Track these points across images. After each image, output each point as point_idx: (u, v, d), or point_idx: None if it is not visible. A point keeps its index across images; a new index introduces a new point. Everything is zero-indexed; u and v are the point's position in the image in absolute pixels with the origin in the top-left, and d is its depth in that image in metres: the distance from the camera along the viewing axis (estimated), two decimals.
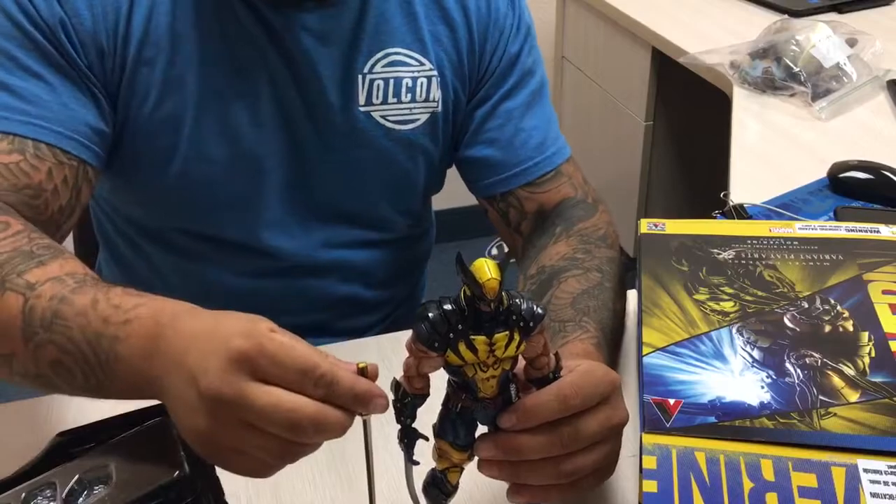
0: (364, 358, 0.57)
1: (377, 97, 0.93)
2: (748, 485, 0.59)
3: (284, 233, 0.97)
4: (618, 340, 0.84)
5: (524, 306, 0.58)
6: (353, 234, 1.01)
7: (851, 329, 0.72)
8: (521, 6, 1.00)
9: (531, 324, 0.58)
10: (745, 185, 1.18)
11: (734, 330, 0.72)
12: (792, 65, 1.46)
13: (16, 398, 0.85)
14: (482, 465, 0.62)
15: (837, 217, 1.04)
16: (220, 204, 0.93)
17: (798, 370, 0.68)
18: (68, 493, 0.57)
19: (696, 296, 0.77)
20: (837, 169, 1.12)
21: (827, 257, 0.81)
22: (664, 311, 0.75)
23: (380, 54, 0.92)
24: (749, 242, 0.84)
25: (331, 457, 0.76)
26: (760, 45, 1.52)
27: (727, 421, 0.64)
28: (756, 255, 0.82)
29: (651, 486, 0.60)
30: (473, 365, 0.58)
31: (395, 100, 0.94)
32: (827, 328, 0.72)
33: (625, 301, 0.88)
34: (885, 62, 1.52)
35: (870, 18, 1.80)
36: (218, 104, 0.88)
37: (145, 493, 0.56)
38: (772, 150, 1.31)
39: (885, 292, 0.76)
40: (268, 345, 0.55)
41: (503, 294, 0.56)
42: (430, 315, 0.56)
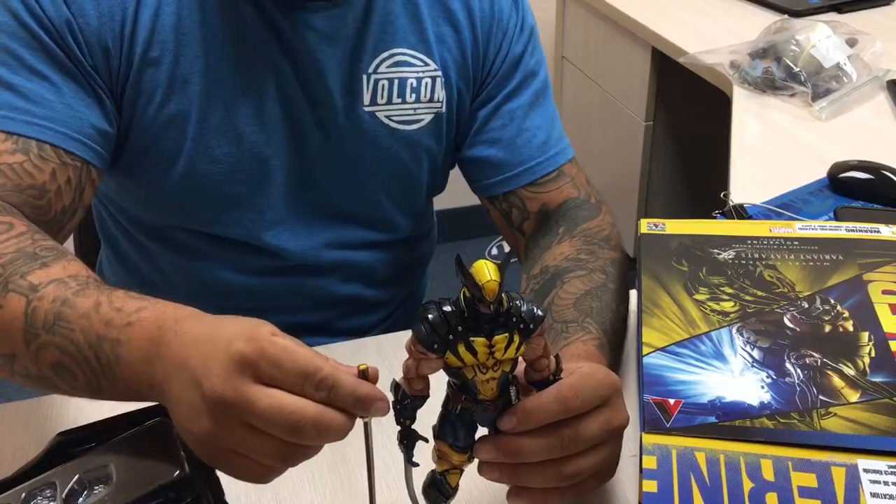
0: (364, 358, 0.58)
1: (382, 97, 0.93)
2: (748, 485, 0.59)
3: (288, 232, 0.97)
4: (620, 342, 0.84)
5: (524, 308, 0.57)
6: (356, 235, 1.01)
7: (851, 329, 0.72)
8: (525, 7, 1.00)
9: (531, 326, 0.58)
10: (745, 185, 1.18)
11: (734, 330, 0.72)
12: (792, 65, 1.46)
13: (16, 398, 0.85)
14: (482, 468, 0.62)
15: (837, 217, 1.04)
16: (225, 203, 0.93)
17: (798, 370, 0.68)
18: (68, 493, 0.57)
19: (696, 296, 0.77)
20: (837, 169, 1.12)
21: (827, 257, 0.81)
22: (664, 311, 0.75)
23: (385, 54, 0.92)
24: (749, 242, 0.84)
25: (331, 457, 0.76)
26: (760, 45, 1.52)
27: (727, 421, 0.64)
28: (756, 255, 0.82)
29: (651, 486, 0.60)
30: (473, 367, 0.58)
31: (400, 100, 0.94)
32: (827, 328, 0.72)
33: (628, 302, 0.88)
34: (885, 62, 1.52)
35: (870, 18, 1.80)
36: (223, 104, 0.88)
37: (145, 493, 0.56)
38: (772, 150, 1.31)
39: (885, 292, 0.76)
40: (269, 348, 0.55)
41: (503, 296, 0.56)
42: (430, 316, 0.56)
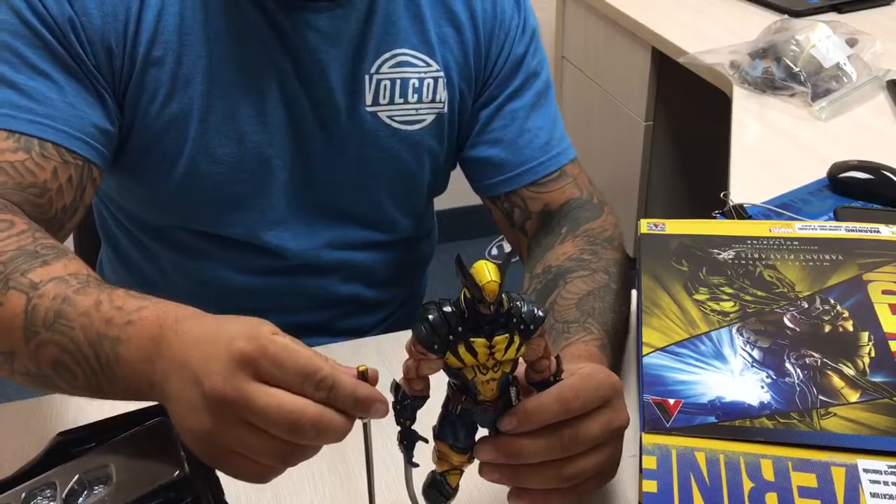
0: (364, 358, 0.58)
1: (384, 97, 0.93)
2: (748, 485, 0.59)
3: (289, 232, 0.97)
4: (622, 342, 0.84)
5: (524, 309, 0.57)
6: (358, 235, 1.01)
7: (851, 329, 0.72)
8: (527, 8, 1.00)
9: (531, 326, 0.58)
10: (745, 185, 1.18)
11: (734, 330, 0.72)
12: (792, 65, 1.46)
13: (16, 398, 0.85)
14: (483, 469, 0.62)
15: (837, 217, 1.04)
16: (226, 203, 0.93)
17: (798, 370, 0.68)
18: (68, 493, 0.57)
19: (696, 296, 0.77)
20: (837, 169, 1.12)
21: (827, 257, 0.81)
22: (664, 311, 0.75)
23: (387, 55, 0.92)
24: (749, 242, 0.84)
25: (331, 457, 0.76)
26: (760, 45, 1.52)
27: (727, 421, 0.64)
28: (756, 255, 0.82)
29: (651, 486, 0.60)
30: (473, 367, 0.58)
31: (402, 100, 0.94)
32: (827, 328, 0.72)
33: (630, 303, 0.88)
34: (885, 62, 1.52)
35: (870, 18, 1.80)
36: (225, 104, 0.88)
37: (145, 493, 0.56)
38: (772, 150, 1.31)
39: (885, 292, 0.76)
40: (270, 347, 0.55)
41: (503, 296, 0.56)
42: (430, 317, 0.56)
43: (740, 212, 1.04)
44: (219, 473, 0.60)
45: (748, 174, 1.23)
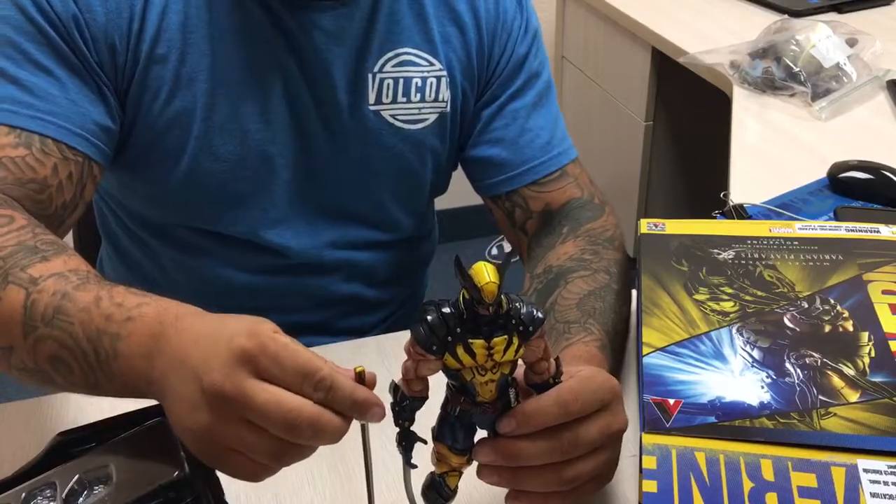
0: (364, 358, 0.58)
1: (387, 96, 0.93)
2: (748, 485, 0.59)
3: (291, 231, 0.97)
4: (623, 343, 0.84)
5: (524, 310, 0.57)
6: (359, 234, 1.01)
7: (851, 329, 0.72)
8: (529, 8, 1.01)
9: (530, 328, 0.57)
10: (745, 185, 1.18)
11: (734, 330, 0.72)
12: (792, 65, 1.46)
13: (16, 398, 0.85)
14: (481, 471, 0.62)
15: (837, 217, 1.04)
16: (228, 201, 0.93)
17: (798, 370, 0.68)
18: (68, 493, 0.57)
19: (696, 296, 0.77)
20: (837, 169, 1.12)
21: (827, 257, 0.81)
22: (664, 311, 0.75)
23: (390, 54, 0.93)
24: (749, 242, 0.84)
25: (331, 457, 0.76)
26: (760, 45, 1.52)
27: (727, 421, 0.64)
28: (756, 255, 0.82)
29: (651, 486, 0.60)
30: (472, 369, 0.58)
31: (405, 99, 0.94)
32: (827, 328, 0.72)
33: (630, 304, 0.88)
34: (885, 62, 1.52)
35: (870, 18, 1.80)
36: (228, 102, 0.88)
37: (145, 493, 0.56)
38: (772, 150, 1.31)
39: (885, 292, 0.76)
40: (271, 345, 0.55)
41: (502, 297, 0.56)
42: (429, 318, 0.56)
43: (740, 212, 1.04)
44: (219, 473, 0.60)
45: (748, 174, 1.23)
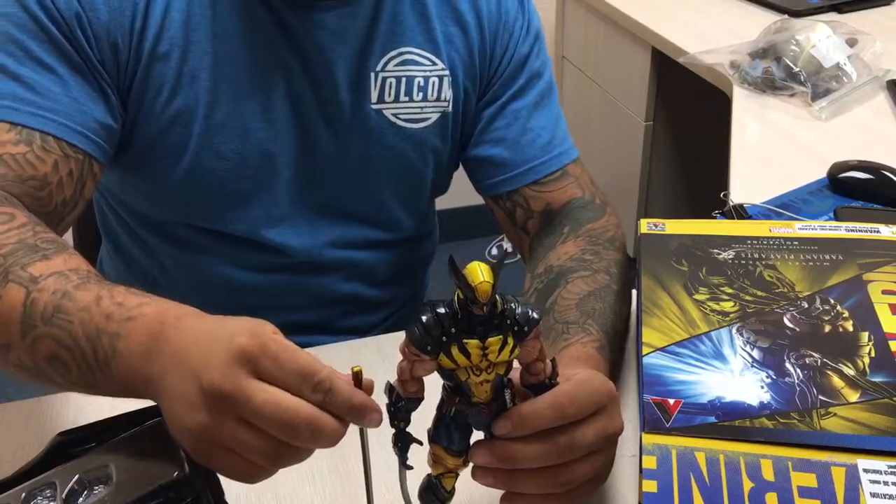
0: (364, 358, 0.58)
1: (389, 95, 0.94)
2: (748, 485, 0.59)
3: (291, 230, 0.97)
4: (622, 344, 0.84)
5: (518, 310, 0.57)
6: (360, 233, 1.01)
7: (851, 329, 0.72)
8: (530, 9, 1.01)
9: (525, 328, 0.57)
10: (745, 185, 1.18)
11: (734, 330, 0.72)
12: (792, 65, 1.46)
13: (16, 398, 0.85)
14: (476, 473, 0.62)
15: (837, 217, 1.04)
16: (229, 200, 0.93)
17: (798, 370, 0.68)
18: (68, 493, 0.57)
19: (696, 296, 0.77)
20: (837, 169, 1.12)
21: (827, 257, 0.81)
22: (664, 311, 0.75)
23: (393, 53, 0.93)
24: (749, 242, 0.84)
25: (331, 457, 0.76)
26: (760, 45, 1.52)
27: (727, 421, 0.64)
28: (756, 255, 0.82)
29: (651, 486, 0.60)
30: (466, 369, 0.58)
31: (407, 98, 0.94)
32: (827, 328, 0.72)
33: (630, 304, 0.88)
34: (885, 62, 1.52)
35: (870, 18, 1.80)
36: (230, 100, 0.88)
37: (145, 493, 0.56)
38: (772, 150, 1.31)
39: (885, 292, 0.76)
40: (271, 345, 0.55)
41: (497, 298, 0.56)
42: (424, 318, 0.56)
43: (740, 212, 1.04)
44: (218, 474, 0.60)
45: (748, 174, 1.23)
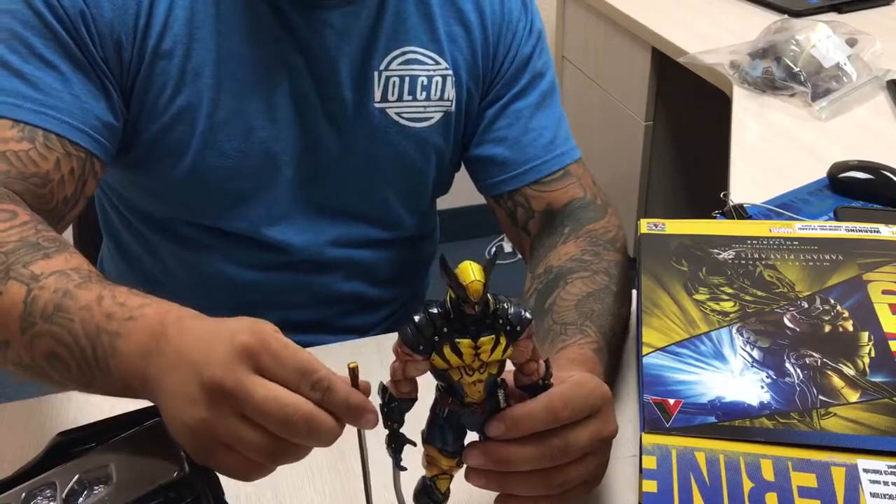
0: (364, 358, 0.58)
1: (392, 94, 0.94)
2: (748, 485, 0.59)
3: (293, 228, 0.97)
4: (620, 345, 0.84)
5: (511, 310, 0.57)
6: (362, 232, 1.01)
7: (851, 329, 0.72)
8: (533, 9, 1.01)
9: (518, 328, 0.57)
10: (745, 185, 1.18)
11: (734, 330, 0.72)
12: (792, 65, 1.46)
13: (16, 398, 0.85)
14: (470, 474, 0.62)
15: (837, 217, 1.04)
16: (231, 198, 0.94)
17: (798, 370, 0.68)
18: (68, 493, 0.57)
19: (696, 296, 0.77)
20: (837, 169, 1.12)
21: (827, 257, 0.81)
22: (664, 311, 0.75)
23: (396, 52, 0.93)
24: (749, 242, 0.84)
25: (330, 456, 0.76)
26: (760, 45, 1.52)
27: (727, 421, 0.64)
28: (756, 255, 0.82)
29: (651, 486, 0.60)
30: (459, 369, 0.57)
31: (411, 97, 0.94)
32: (827, 328, 0.72)
33: (630, 305, 0.88)
34: (885, 62, 1.52)
35: (870, 18, 1.80)
36: (234, 98, 0.89)
37: (145, 493, 0.56)
38: (772, 150, 1.31)
39: (885, 292, 0.76)
40: (272, 342, 0.56)
41: (489, 297, 0.56)
42: (416, 318, 0.56)
43: (740, 212, 1.04)
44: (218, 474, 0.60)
45: (748, 174, 1.23)
